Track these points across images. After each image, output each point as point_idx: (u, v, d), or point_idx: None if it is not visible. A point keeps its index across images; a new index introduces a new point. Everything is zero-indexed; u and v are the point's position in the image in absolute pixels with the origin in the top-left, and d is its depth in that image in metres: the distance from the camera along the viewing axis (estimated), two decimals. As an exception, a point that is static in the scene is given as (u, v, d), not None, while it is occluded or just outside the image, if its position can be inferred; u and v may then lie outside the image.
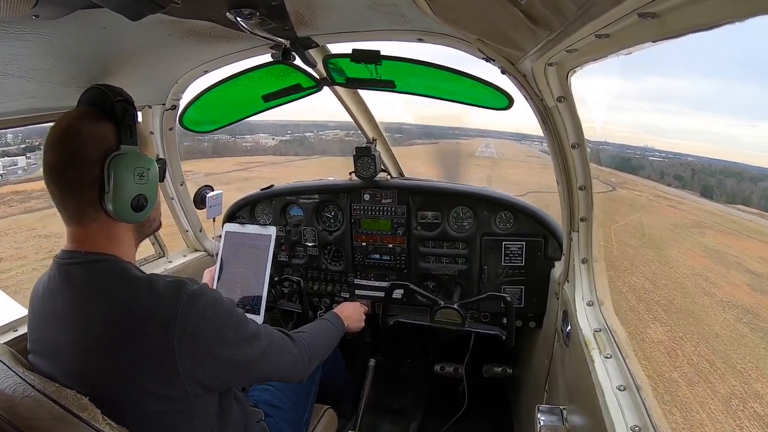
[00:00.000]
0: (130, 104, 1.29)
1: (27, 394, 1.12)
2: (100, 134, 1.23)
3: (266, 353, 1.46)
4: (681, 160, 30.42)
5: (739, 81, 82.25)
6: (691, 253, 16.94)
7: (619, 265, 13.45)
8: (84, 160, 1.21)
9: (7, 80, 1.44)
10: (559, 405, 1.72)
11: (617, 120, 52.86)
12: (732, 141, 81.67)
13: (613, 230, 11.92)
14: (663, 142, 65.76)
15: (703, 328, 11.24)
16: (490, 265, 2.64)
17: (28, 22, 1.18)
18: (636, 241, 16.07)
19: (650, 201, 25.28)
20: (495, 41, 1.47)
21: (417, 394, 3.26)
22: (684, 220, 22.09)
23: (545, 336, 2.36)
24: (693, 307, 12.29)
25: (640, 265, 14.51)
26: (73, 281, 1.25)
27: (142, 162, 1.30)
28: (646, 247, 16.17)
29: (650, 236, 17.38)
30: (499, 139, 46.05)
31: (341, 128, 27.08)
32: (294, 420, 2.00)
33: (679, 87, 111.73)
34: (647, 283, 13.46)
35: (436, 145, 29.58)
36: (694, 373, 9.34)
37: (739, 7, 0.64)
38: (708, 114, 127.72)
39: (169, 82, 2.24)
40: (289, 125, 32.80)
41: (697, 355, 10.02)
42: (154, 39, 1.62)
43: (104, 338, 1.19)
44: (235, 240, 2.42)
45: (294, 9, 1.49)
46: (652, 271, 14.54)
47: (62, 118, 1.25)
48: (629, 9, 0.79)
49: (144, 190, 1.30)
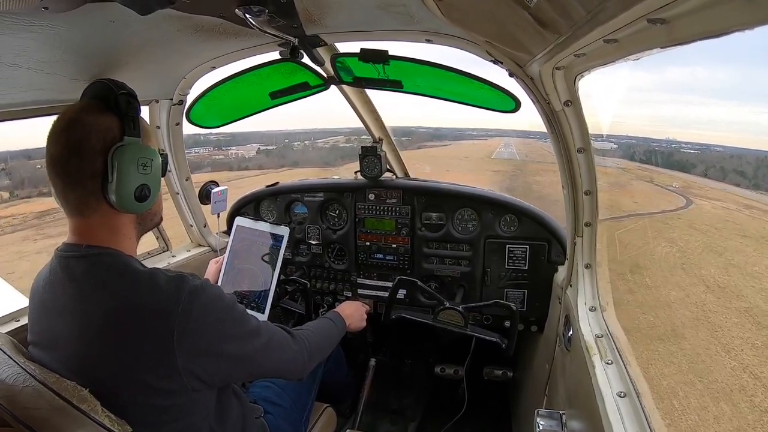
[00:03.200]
0: (133, 97, 1.30)
1: (27, 384, 1.12)
2: (104, 125, 1.24)
3: (266, 349, 1.47)
4: (718, 153, 26.96)
5: (762, 66, 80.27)
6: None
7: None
8: (87, 151, 1.21)
9: (15, 71, 1.45)
10: (558, 410, 1.71)
11: (638, 114, 52.01)
12: (759, 129, 79.19)
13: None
14: (688, 133, 64.47)
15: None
16: (493, 268, 2.64)
17: (38, 14, 1.19)
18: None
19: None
20: (503, 44, 1.46)
21: (417, 394, 3.26)
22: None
23: (546, 340, 2.36)
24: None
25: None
26: (74, 274, 1.25)
27: (146, 153, 1.30)
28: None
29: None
30: (520, 138, 41.16)
31: (340, 134, 26.22)
32: (293, 418, 2.00)
33: (699, 76, 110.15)
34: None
35: (448, 148, 28.26)
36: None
37: (749, 14, 0.63)
38: (731, 102, 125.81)
39: (176, 78, 2.25)
40: (279, 135, 31.49)
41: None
42: (162, 34, 1.63)
43: (104, 331, 1.20)
44: (246, 235, 2.41)
45: (303, 7, 1.49)
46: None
47: (66, 110, 1.26)
48: (638, 14, 0.78)
49: (147, 180, 1.30)
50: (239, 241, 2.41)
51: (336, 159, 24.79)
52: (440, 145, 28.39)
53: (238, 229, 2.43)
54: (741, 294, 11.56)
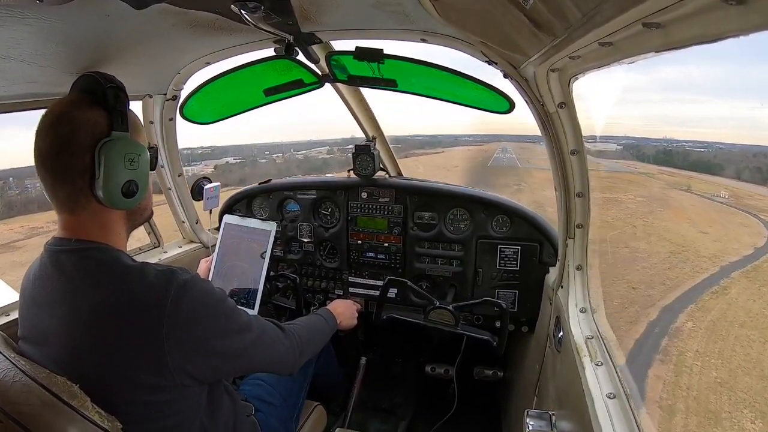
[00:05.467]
0: (121, 91, 1.28)
1: (17, 379, 1.11)
2: (92, 120, 1.23)
3: (257, 344, 1.46)
4: (739, 151, 24.27)
5: (755, 60, 78.62)
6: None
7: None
8: (76, 147, 1.20)
9: (7, 64, 1.44)
10: (548, 410, 1.72)
11: (630, 114, 51.03)
12: (754, 124, 76.03)
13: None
14: (683, 132, 63.49)
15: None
16: (485, 268, 2.65)
17: (32, 6, 1.18)
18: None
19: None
20: (498, 44, 1.46)
21: (407, 393, 3.27)
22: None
23: (537, 341, 2.37)
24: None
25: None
26: (64, 268, 1.24)
27: (133, 148, 1.29)
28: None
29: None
30: (517, 142, 36.58)
31: (324, 145, 24.39)
32: (284, 416, 2.00)
33: (690, 73, 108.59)
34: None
35: (438, 155, 26.30)
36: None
37: (744, 20, 0.64)
38: (724, 98, 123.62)
39: (170, 73, 2.24)
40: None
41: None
42: (157, 29, 1.62)
43: (93, 326, 1.19)
44: (234, 232, 2.42)
45: (299, 4, 1.49)
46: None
47: (54, 104, 1.24)
48: (634, 18, 0.79)
49: (134, 176, 1.29)
50: (228, 238, 2.41)
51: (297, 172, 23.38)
52: (431, 152, 26.39)
53: (227, 227, 2.44)
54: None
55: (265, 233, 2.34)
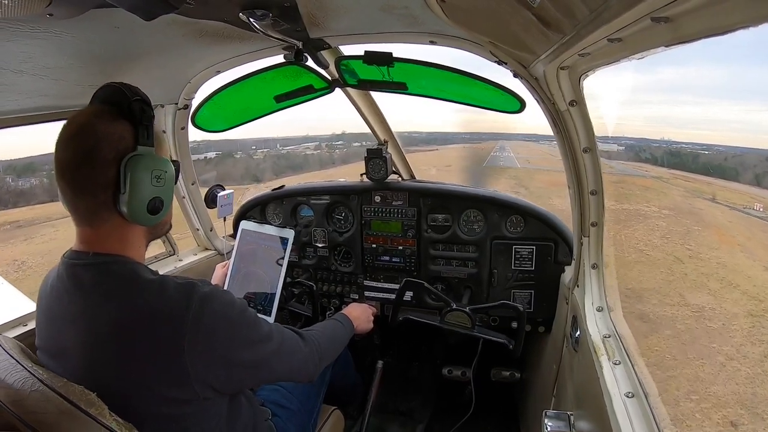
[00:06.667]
0: (147, 104, 1.25)
1: (35, 388, 1.12)
2: (117, 134, 1.20)
3: (278, 353, 1.45)
4: (756, 155, 22.84)
5: (753, 63, 77.61)
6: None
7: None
8: (99, 160, 1.17)
9: (20, 78, 1.46)
10: (566, 411, 1.70)
11: (634, 114, 50.65)
12: (753, 127, 75.34)
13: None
14: (683, 133, 62.96)
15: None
16: (500, 269, 2.63)
17: (42, 20, 1.19)
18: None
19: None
20: (507, 44, 1.46)
21: (424, 396, 3.25)
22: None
23: (554, 341, 2.35)
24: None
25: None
26: (82, 283, 1.23)
27: (160, 164, 1.27)
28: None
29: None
30: (515, 141, 36.33)
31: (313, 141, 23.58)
32: (301, 420, 1.99)
33: (691, 75, 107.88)
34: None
35: (431, 154, 24.96)
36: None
37: (753, 11, 0.63)
38: (723, 101, 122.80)
39: (181, 82, 2.26)
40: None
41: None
42: (167, 39, 1.64)
43: (113, 340, 1.18)
44: (251, 238, 2.42)
45: (306, 10, 1.50)
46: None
47: (76, 115, 1.22)
48: (642, 13, 0.78)
49: (160, 192, 1.27)
50: (245, 245, 2.42)
51: (265, 173, 21.02)
52: (425, 149, 25.15)
53: (244, 233, 2.44)
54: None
55: (284, 240, 2.34)
